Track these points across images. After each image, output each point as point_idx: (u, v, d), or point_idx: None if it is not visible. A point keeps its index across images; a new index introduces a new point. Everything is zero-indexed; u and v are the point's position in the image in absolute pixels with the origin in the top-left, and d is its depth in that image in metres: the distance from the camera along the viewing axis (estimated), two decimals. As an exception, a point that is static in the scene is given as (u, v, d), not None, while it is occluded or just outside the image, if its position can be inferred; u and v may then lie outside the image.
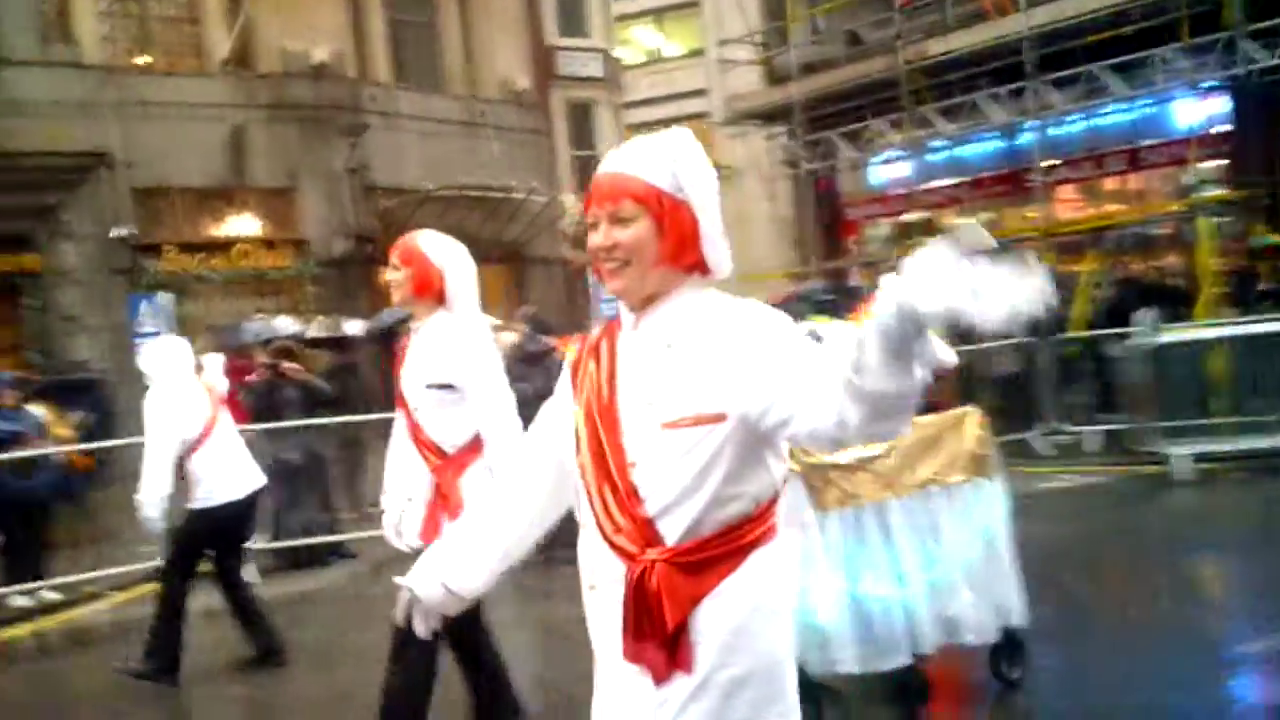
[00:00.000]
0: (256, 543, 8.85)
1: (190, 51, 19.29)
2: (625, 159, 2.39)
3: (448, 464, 4.33)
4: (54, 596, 9.17)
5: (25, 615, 8.97)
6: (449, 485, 4.29)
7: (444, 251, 4.58)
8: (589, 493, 2.37)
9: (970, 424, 5.17)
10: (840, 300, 13.35)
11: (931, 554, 4.90)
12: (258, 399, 9.91)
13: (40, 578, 9.20)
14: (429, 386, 4.35)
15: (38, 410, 9.57)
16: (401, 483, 4.47)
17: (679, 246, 2.30)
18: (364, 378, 11.85)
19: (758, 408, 2.18)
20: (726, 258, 2.34)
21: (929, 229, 19.13)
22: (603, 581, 2.36)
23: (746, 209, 21.49)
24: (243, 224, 18.98)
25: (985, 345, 11.18)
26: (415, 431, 4.42)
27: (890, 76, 17.90)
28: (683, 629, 2.27)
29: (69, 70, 17.32)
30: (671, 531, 2.27)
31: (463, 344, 4.36)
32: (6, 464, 9.10)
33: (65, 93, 17.01)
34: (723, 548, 2.29)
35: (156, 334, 15.67)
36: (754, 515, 2.31)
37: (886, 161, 19.56)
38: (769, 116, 21.01)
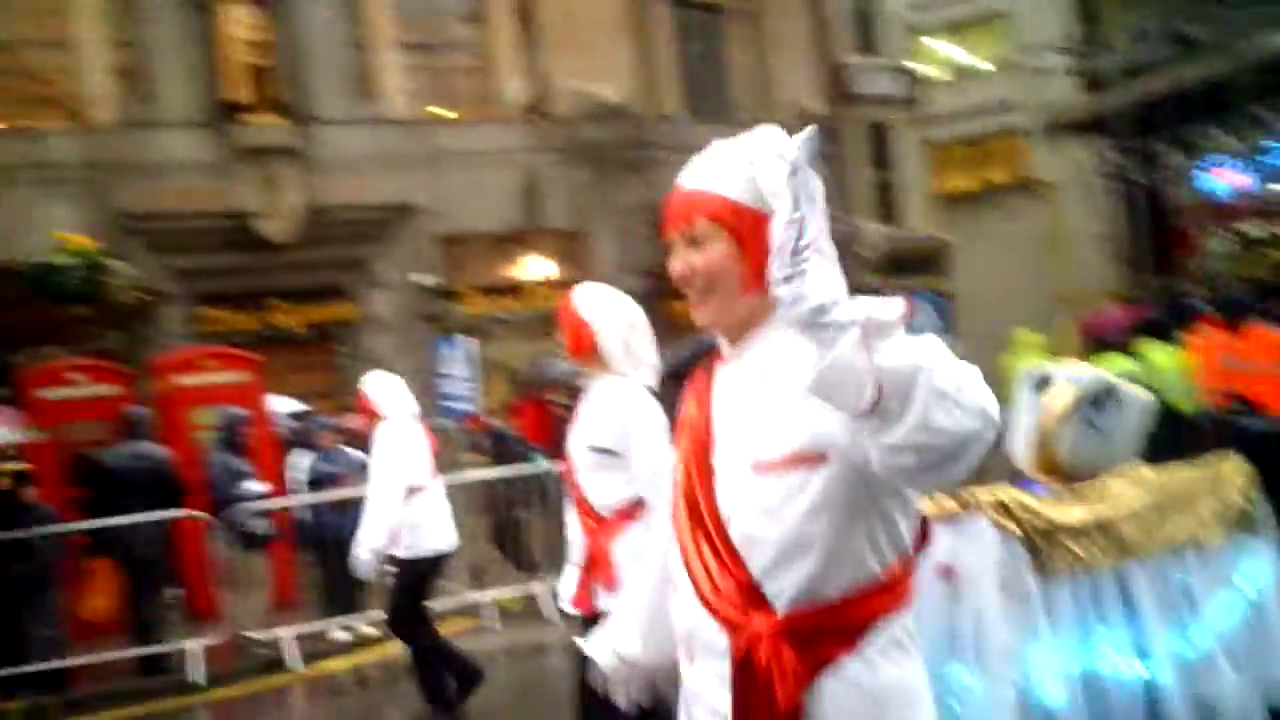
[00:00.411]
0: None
1: (485, 100, 20.49)
2: (698, 171, 2.23)
3: (603, 527, 4.26)
4: (370, 631, 9.84)
5: (344, 649, 9.71)
6: (601, 550, 4.22)
7: (597, 307, 4.51)
8: (684, 550, 2.17)
9: (1231, 474, 4.77)
10: (1175, 322, 12.84)
11: (1183, 624, 4.44)
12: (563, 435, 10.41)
13: (357, 611, 9.89)
14: (590, 449, 4.30)
15: (355, 452, 10.37)
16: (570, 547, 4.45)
17: (763, 267, 2.00)
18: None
19: (860, 446, 1.91)
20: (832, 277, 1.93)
21: (1276, 242, 18.17)
22: (703, 654, 2.14)
23: (1064, 226, 20.79)
24: (537, 266, 19.95)
25: None
26: (575, 493, 4.38)
27: (1226, 74, 17.01)
28: (798, 713, 2.03)
29: (375, 126, 18.77)
30: (780, 596, 2.04)
31: (622, 407, 4.28)
32: (326, 504, 9.94)
33: (372, 147, 18.43)
34: (844, 618, 2.03)
35: (460, 377, 16.74)
36: (883, 580, 2.06)
37: (1222, 168, 18.54)
38: (1090, 126, 20.33)
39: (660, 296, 18.44)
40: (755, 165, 2.14)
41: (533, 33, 20.28)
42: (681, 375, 9.63)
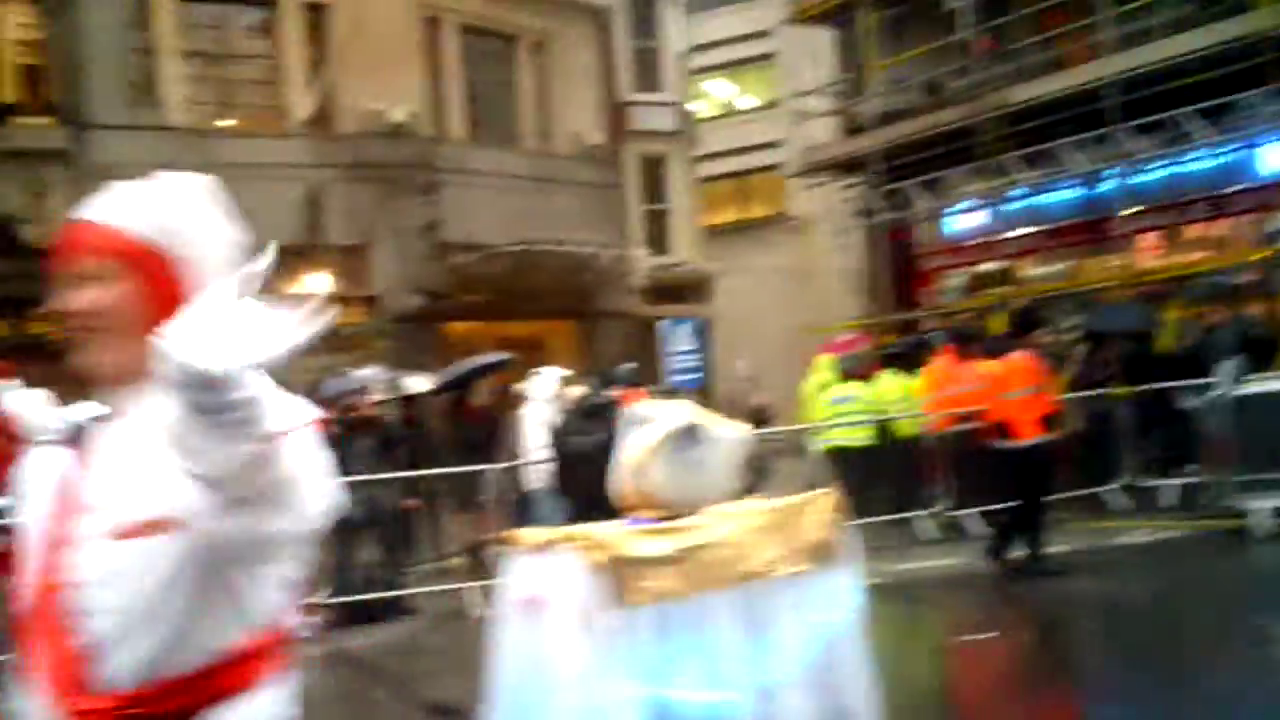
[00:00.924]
0: (318, 597, 9.07)
1: (272, 113, 19.97)
2: (97, 205, 1.99)
3: None
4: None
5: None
6: None
7: None
8: (27, 621, 1.92)
9: (818, 508, 4.81)
10: (914, 353, 13.49)
11: (761, 653, 4.48)
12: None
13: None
14: None
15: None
16: None
17: (165, 311, 1.80)
18: (431, 432, 12.10)
19: (213, 516, 1.77)
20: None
21: (1005, 279, 19.20)
22: None
23: (817, 261, 21.54)
24: (317, 281, 19.50)
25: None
26: None
27: (969, 125, 17.93)
28: None
29: (154, 133, 18.02)
30: (121, 672, 1.84)
31: None
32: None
33: (150, 155, 17.66)
34: (195, 694, 1.86)
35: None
36: (240, 655, 1.90)
37: (964, 211, 19.53)
38: (845, 167, 21.13)
39: (439, 315, 18.43)
40: (161, 206, 1.97)
41: (322, 49, 19.89)
42: (455, 392, 9.51)
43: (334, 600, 9.98)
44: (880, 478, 12.16)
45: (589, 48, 24.88)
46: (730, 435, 5.02)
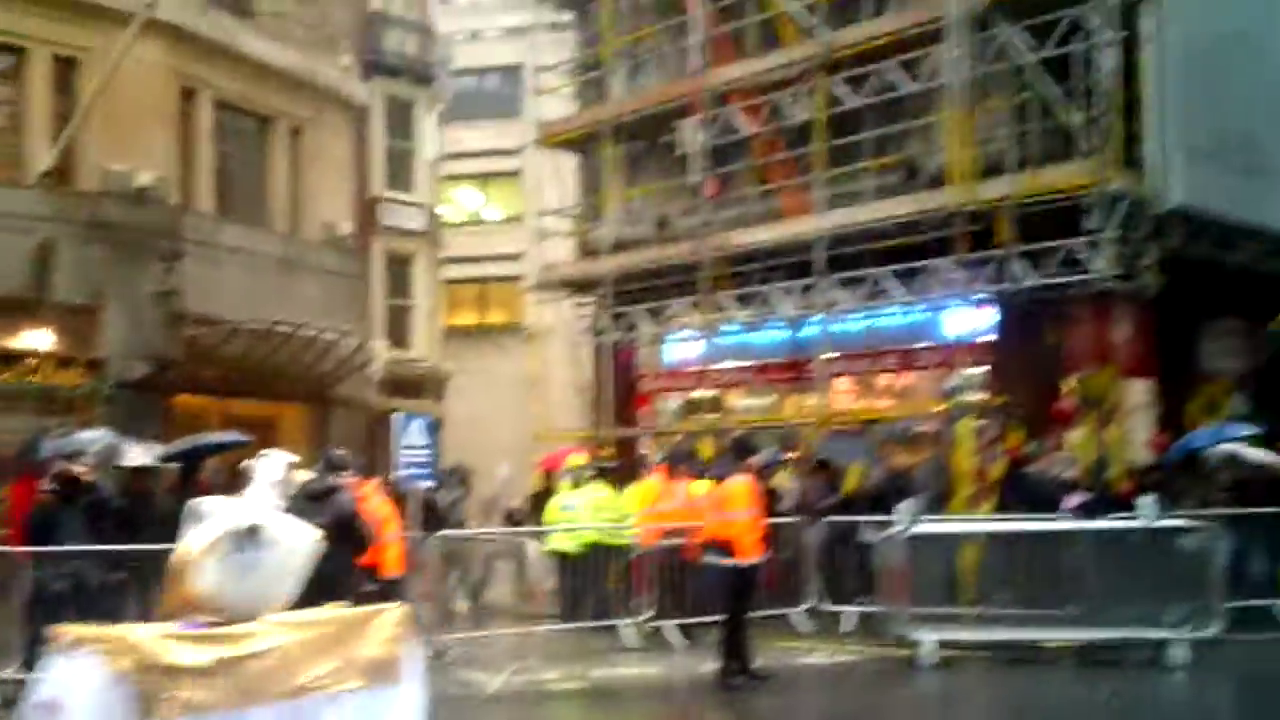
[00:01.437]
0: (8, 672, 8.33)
1: (9, 162, 18.74)
2: None
3: None
4: None
5: None
6: None
7: None
8: None
9: (383, 624, 4.60)
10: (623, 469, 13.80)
11: None
12: (38, 521, 9.41)
13: None
14: None
15: None
16: None
17: None
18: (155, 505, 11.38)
19: None
20: None
21: (715, 407, 19.86)
22: None
23: (549, 371, 21.80)
24: (38, 338, 18.22)
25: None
26: None
27: (693, 261, 18.62)
28: None
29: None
30: None
31: None
32: None
33: None
34: None
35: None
36: None
37: (683, 340, 20.16)
38: (579, 286, 21.52)
39: (168, 386, 17.48)
40: None
41: (70, 103, 18.84)
42: (184, 466, 8.96)
43: (23, 676, 9.17)
44: (592, 584, 12.28)
45: (345, 140, 24.64)
46: (295, 540, 4.64)
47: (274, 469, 10.69)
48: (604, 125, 20.27)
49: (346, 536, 8.08)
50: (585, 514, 12.87)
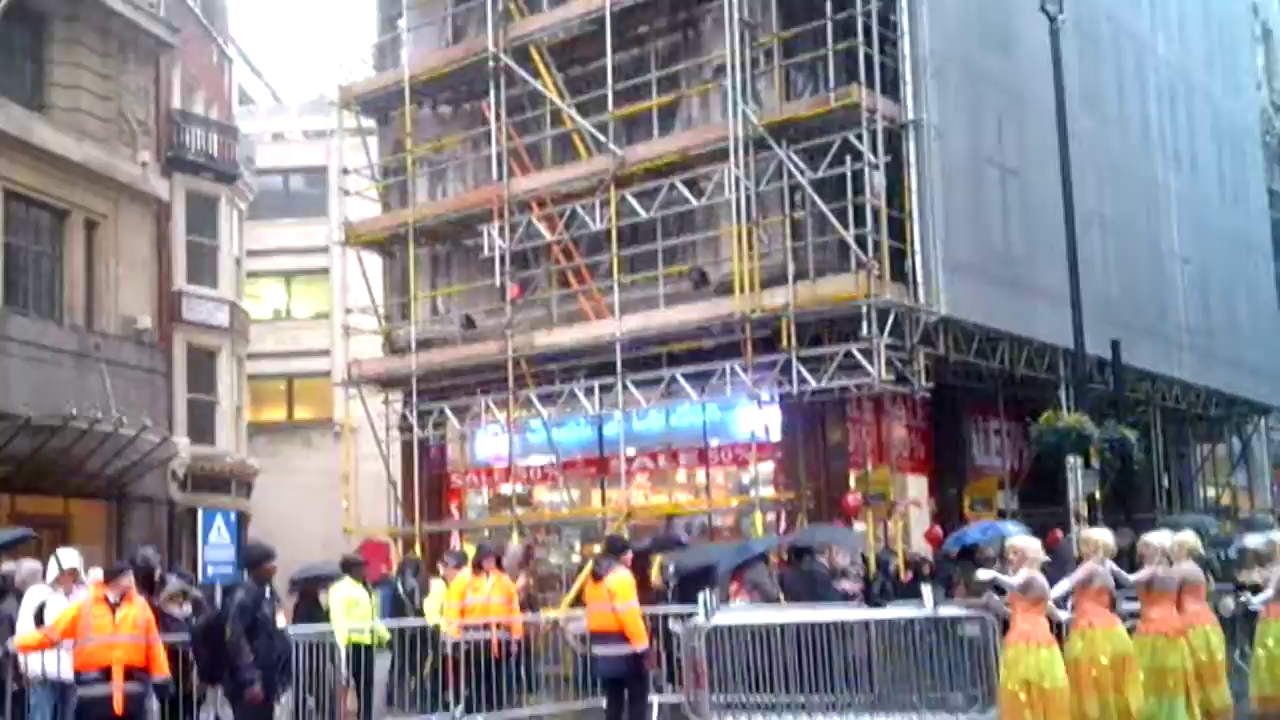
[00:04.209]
0: None
1: None
2: None
3: None
4: None
5: None
6: None
7: None
8: None
9: None
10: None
11: None
12: None
13: None
14: None
15: None
16: None
17: None
18: None
19: None
20: None
21: (525, 501, 19.64)
22: None
23: (358, 467, 21.16)
24: None
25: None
26: None
27: (498, 360, 18.47)
28: None
29: None
30: None
31: None
32: None
33: None
34: None
35: None
36: None
37: (491, 436, 19.91)
38: (387, 383, 21.04)
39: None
40: None
41: None
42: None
43: None
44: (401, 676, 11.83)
45: (146, 235, 23.62)
46: None
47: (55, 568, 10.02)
48: (408, 227, 20.04)
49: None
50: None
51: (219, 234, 26.42)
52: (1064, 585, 9.47)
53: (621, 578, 10.42)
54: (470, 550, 13.66)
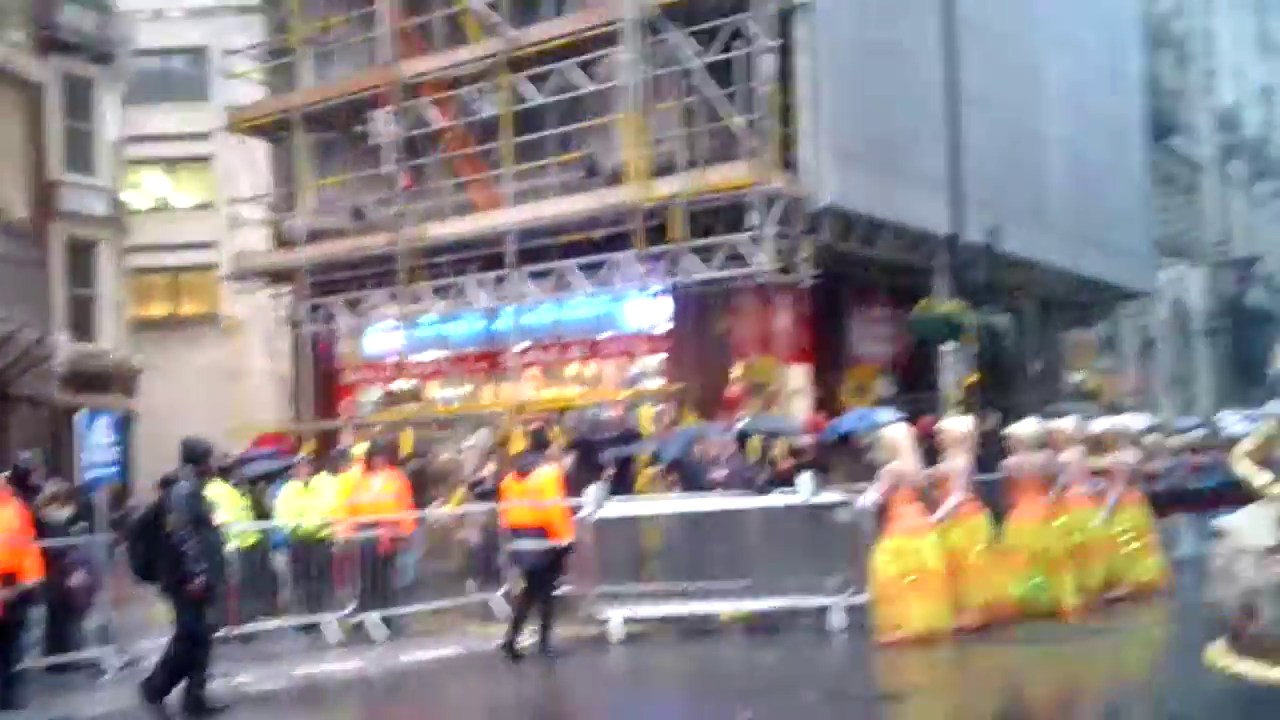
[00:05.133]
0: None
1: None
2: None
3: None
4: None
5: None
6: None
7: None
8: None
9: None
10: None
11: None
12: None
13: None
14: None
15: None
16: None
17: None
18: None
19: None
20: None
21: (416, 397, 19.51)
22: None
23: (247, 363, 20.73)
24: None
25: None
26: None
27: (389, 252, 18.14)
28: None
29: None
30: None
31: None
32: None
33: None
34: None
35: None
36: None
37: (382, 331, 19.64)
38: (275, 276, 20.56)
39: None
40: None
41: None
42: None
43: None
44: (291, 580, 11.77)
45: (17, 120, 22.45)
46: None
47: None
48: (294, 112, 19.39)
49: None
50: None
51: (96, 119, 25.21)
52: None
53: (547, 474, 10.43)
54: (360, 448, 13.54)
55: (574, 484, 11.58)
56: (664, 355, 17.23)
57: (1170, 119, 30.31)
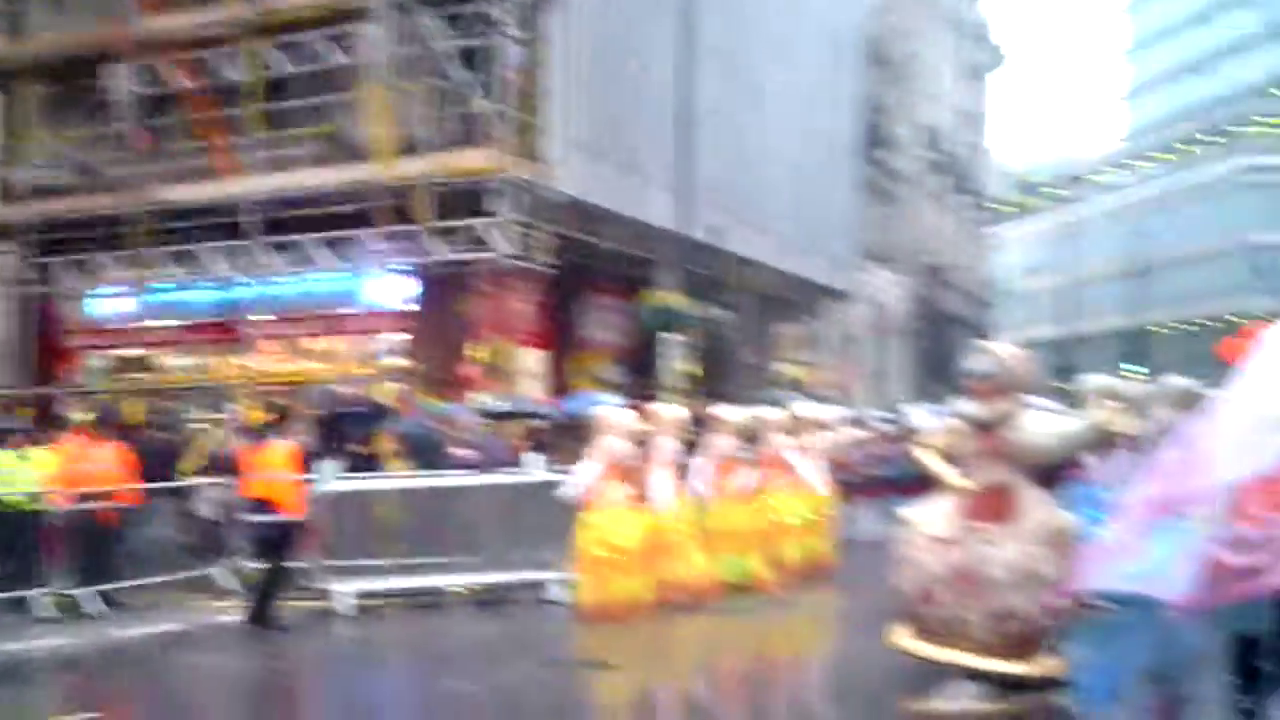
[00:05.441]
0: None
1: None
2: None
3: None
4: None
5: None
6: None
7: None
8: None
9: None
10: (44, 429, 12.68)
11: None
12: None
13: None
14: None
15: None
16: None
17: None
18: None
19: None
20: None
21: (144, 366, 18.86)
22: None
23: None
24: None
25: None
26: None
27: (121, 214, 17.42)
28: None
29: None
30: None
31: None
32: None
33: None
34: None
35: None
36: None
37: (111, 295, 18.80)
38: (-2, 232, 19.29)
39: None
40: None
41: None
42: None
43: None
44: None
45: None
46: None
47: None
48: (23, 60, 18.24)
49: None
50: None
51: None
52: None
53: (281, 448, 10.47)
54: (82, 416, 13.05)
55: (316, 459, 11.63)
56: (406, 333, 17.36)
57: (881, 134, 32.69)
